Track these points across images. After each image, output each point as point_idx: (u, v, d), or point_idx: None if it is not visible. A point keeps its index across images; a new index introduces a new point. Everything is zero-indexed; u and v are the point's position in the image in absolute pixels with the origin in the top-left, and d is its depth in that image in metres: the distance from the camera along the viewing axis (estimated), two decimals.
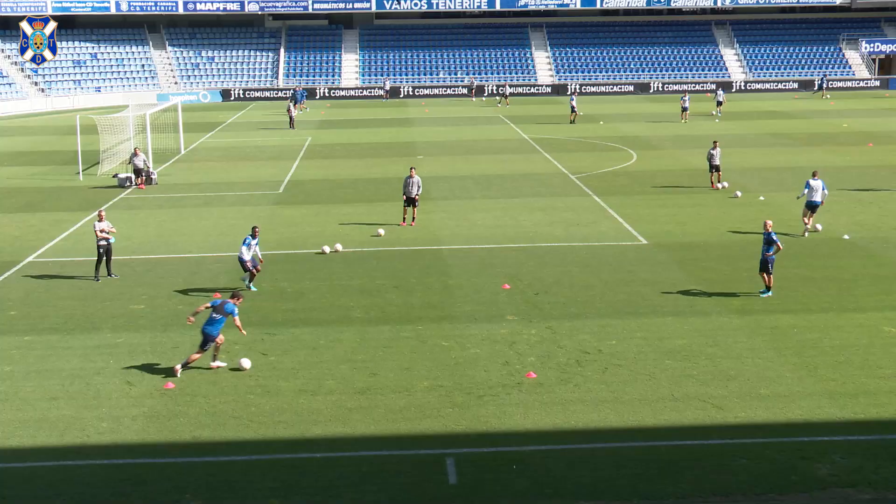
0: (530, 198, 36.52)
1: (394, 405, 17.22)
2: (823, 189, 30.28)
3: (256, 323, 21.89)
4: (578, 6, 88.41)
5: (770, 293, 23.32)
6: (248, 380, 18.49)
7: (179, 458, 15.38)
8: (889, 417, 16.41)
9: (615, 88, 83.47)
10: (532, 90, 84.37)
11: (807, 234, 29.85)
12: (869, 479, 14.22)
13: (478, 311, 22.54)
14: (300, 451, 15.52)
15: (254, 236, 24.48)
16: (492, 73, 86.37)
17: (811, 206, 30.02)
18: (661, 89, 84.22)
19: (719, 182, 37.79)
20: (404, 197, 32.04)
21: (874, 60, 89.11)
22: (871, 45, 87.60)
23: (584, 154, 47.60)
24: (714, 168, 37.76)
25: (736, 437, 15.78)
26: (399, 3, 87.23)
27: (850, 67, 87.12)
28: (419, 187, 32.08)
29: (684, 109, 60.78)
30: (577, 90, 79.73)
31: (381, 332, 21.15)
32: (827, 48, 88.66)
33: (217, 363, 19.22)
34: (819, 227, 30.38)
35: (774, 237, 23.29)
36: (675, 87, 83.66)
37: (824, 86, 80.00)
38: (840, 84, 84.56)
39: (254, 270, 24.57)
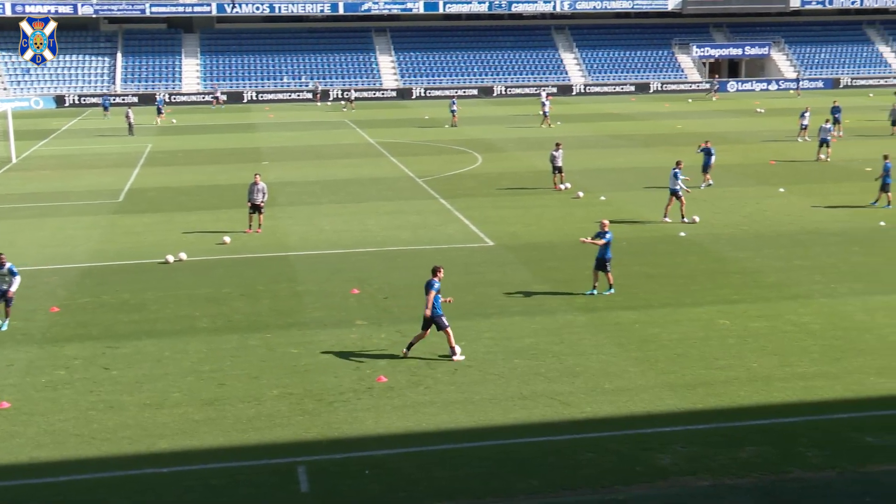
0: (378, 202, 36.55)
1: (243, 415, 16.94)
2: (677, 179, 32.59)
3: (97, 336, 21.19)
4: (421, 11, 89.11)
5: (612, 290, 23.97)
6: (90, 395, 17.86)
7: (17, 480, 14.71)
8: (724, 406, 17.11)
9: (459, 92, 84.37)
10: (377, 94, 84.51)
11: (666, 219, 32.24)
12: (707, 467, 14.79)
13: (327, 317, 22.41)
14: (146, 467, 15.08)
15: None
16: (336, 78, 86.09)
17: (673, 193, 32.38)
18: (504, 93, 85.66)
19: (562, 183, 38.67)
20: (249, 203, 31.56)
21: (704, 64, 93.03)
22: (702, 49, 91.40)
23: (430, 157, 47.95)
24: (557, 169, 38.62)
25: (583, 431, 16.16)
26: (240, 7, 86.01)
27: (682, 71, 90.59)
28: (264, 193, 31.68)
29: (545, 114, 61.63)
30: (457, 94, 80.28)
31: (228, 342, 20.77)
32: (661, 52, 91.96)
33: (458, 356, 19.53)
34: (667, 219, 32.31)
35: (609, 237, 23.85)
36: (518, 91, 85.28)
37: (712, 88, 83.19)
38: (673, 87, 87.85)
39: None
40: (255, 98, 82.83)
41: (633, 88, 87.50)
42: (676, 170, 32.48)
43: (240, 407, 17.30)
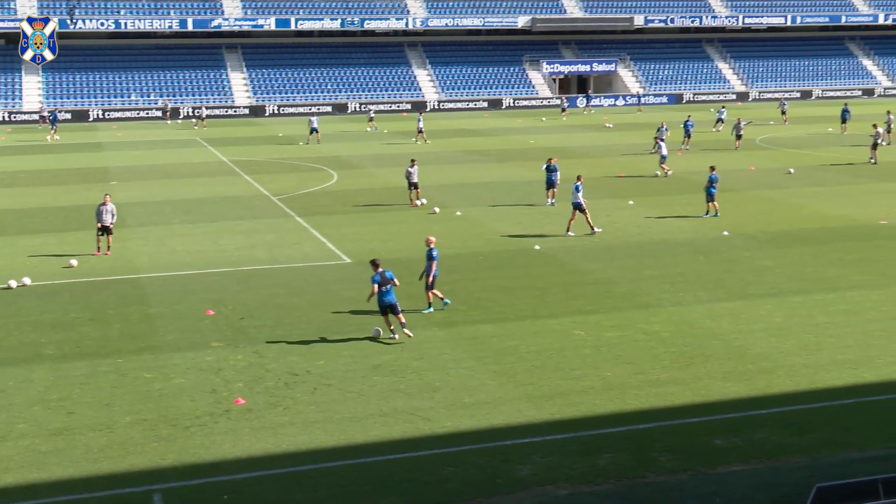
0: (232, 221, 35.96)
1: (94, 444, 16.33)
2: (578, 192, 32.92)
3: None
4: (273, 27, 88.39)
5: (431, 309, 23.91)
6: None
7: None
8: (581, 415, 17.44)
9: (313, 109, 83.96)
10: (229, 112, 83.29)
11: (569, 233, 32.45)
12: (566, 475, 15.03)
13: (181, 340, 21.87)
14: None
15: None
16: (187, 95, 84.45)
17: (577, 207, 32.71)
18: (358, 109, 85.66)
19: (418, 199, 38.85)
20: (98, 225, 30.58)
21: (554, 80, 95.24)
22: (552, 66, 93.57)
23: (284, 175, 47.50)
24: (413, 185, 38.78)
25: (444, 446, 16.21)
26: (84, 23, 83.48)
27: (533, 87, 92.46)
28: (114, 215, 30.75)
29: (420, 130, 61.66)
30: (316, 111, 79.53)
31: (76, 369, 20.02)
32: (512, 69, 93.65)
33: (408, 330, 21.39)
34: (571, 233, 32.59)
35: (435, 254, 23.93)
36: (373, 108, 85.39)
37: (569, 105, 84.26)
38: (525, 103, 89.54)
39: None
40: (101, 116, 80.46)
41: (486, 104, 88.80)
42: (578, 184, 33.02)
43: (91, 436, 16.68)
